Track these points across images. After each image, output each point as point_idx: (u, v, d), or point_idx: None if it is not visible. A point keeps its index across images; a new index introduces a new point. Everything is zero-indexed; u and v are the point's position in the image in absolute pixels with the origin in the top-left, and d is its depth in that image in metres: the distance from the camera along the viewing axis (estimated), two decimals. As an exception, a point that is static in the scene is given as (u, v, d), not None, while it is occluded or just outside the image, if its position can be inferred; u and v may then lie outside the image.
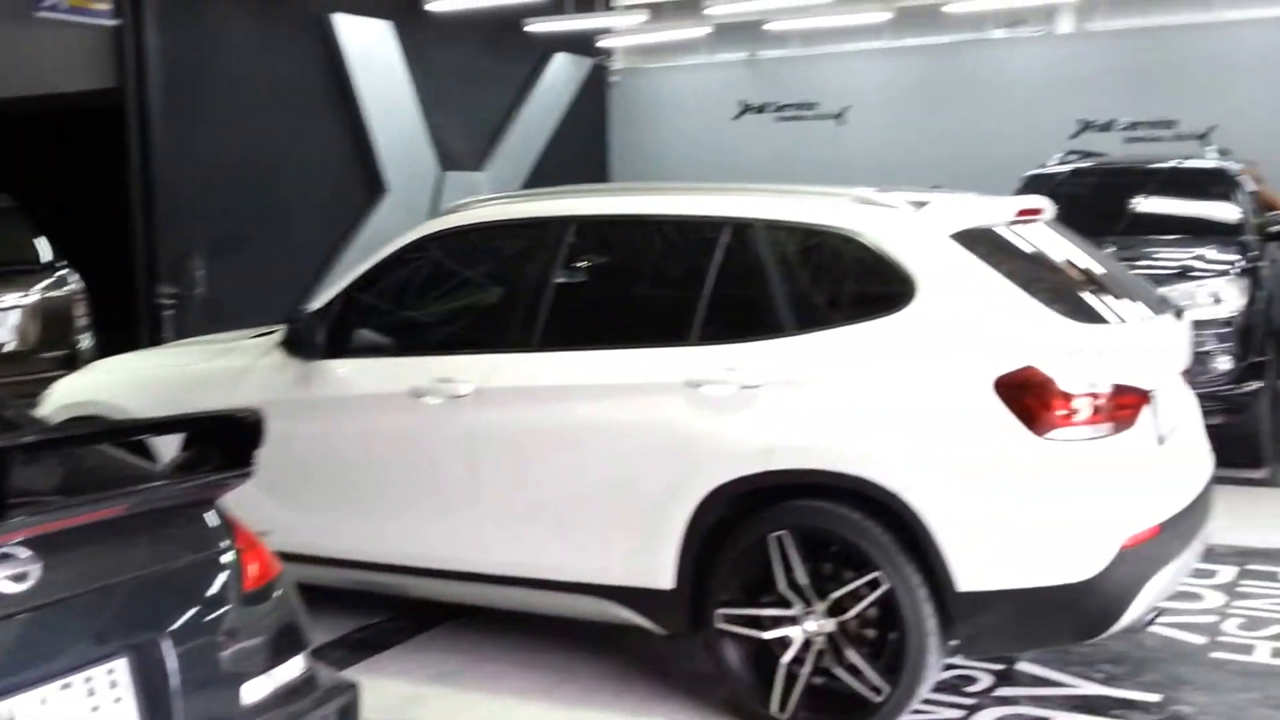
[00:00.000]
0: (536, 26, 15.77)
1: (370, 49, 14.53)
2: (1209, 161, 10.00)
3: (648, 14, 15.23)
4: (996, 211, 4.94)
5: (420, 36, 14.98)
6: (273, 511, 5.05)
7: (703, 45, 17.97)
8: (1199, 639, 5.48)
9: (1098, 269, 5.08)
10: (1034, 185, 10.24)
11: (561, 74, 17.70)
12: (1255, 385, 8.29)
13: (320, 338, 5.33)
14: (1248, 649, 5.37)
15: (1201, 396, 8.12)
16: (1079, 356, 4.25)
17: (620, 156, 18.66)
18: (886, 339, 4.42)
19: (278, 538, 3.57)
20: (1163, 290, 8.18)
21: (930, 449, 4.27)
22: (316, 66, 13.99)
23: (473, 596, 5.29)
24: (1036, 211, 5.16)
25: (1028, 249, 4.93)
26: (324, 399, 5.34)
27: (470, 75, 15.91)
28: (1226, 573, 6.36)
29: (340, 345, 5.37)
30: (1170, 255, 8.67)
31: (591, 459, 4.81)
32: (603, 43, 17.33)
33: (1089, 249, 5.27)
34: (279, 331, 5.56)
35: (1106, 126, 15.28)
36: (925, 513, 4.23)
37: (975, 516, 4.22)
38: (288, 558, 3.24)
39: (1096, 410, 4.25)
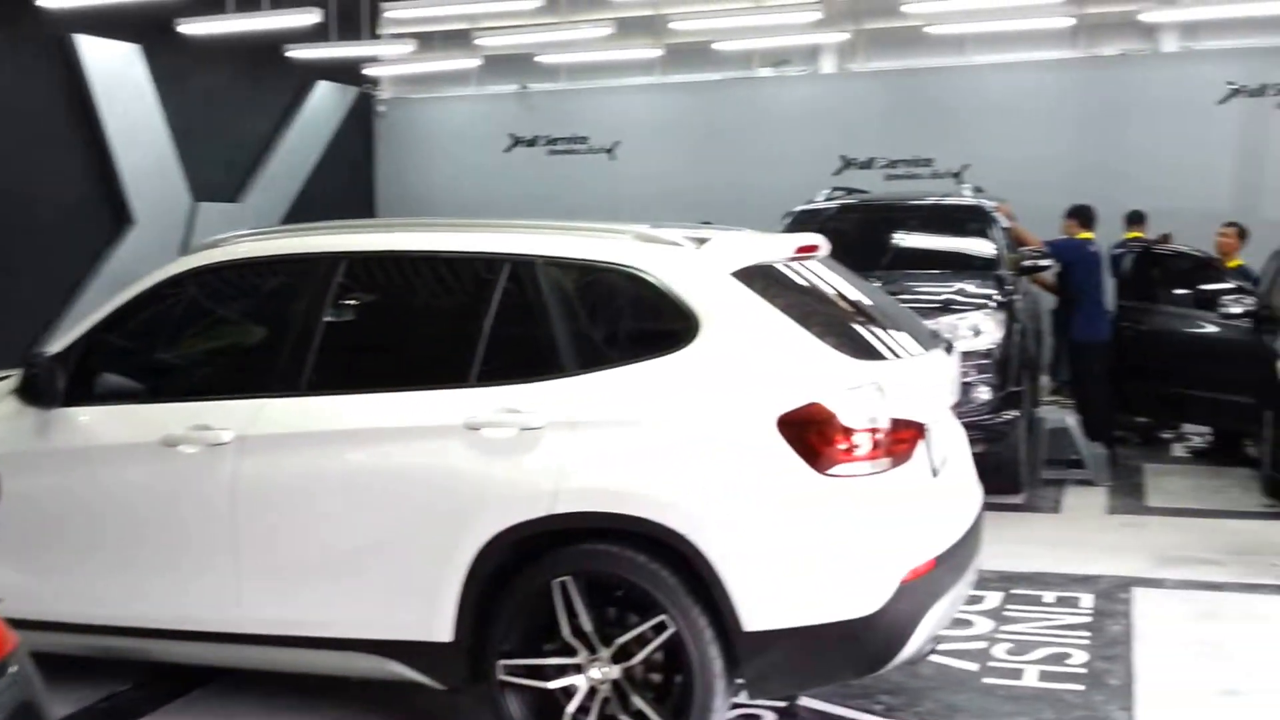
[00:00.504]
0: (298, 53, 15.29)
1: (116, 72, 13.85)
2: (966, 199, 10.39)
3: (415, 44, 14.94)
4: (775, 248, 4.96)
5: (172, 60, 14.36)
6: (6, 575, 4.62)
7: (473, 77, 17.80)
8: (971, 665, 5.60)
9: (872, 305, 5.14)
10: (802, 221, 10.49)
11: (325, 103, 17.26)
12: (1012, 414, 8.60)
13: (60, 383, 4.93)
14: (1017, 673, 5.52)
15: (964, 426, 8.56)
16: (860, 392, 4.27)
17: (388, 188, 18.30)
18: (669, 378, 4.36)
19: (12, 604, 3.22)
20: (928, 324, 8.52)
21: (715, 489, 4.22)
22: (56, 90, 13.24)
23: (237, 659, 4.96)
24: (813, 248, 5.19)
25: (806, 286, 4.95)
26: (65, 450, 4.94)
27: (228, 102, 15.35)
28: (993, 598, 6.55)
29: (84, 391, 4.98)
30: (932, 289, 8.94)
31: (364, 507, 4.59)
32: (369, 71, 16.94)
33: (863, 285, 5.34)
34: (13, 377, 5.14)
35: (868, 164, 15.80)
36: (711, 553, 4.18)
37: (760, 556, 4.20)
38: (24, 625, 2.93)
39: (877, 445, 4.28)
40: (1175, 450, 10.92)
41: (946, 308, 8.60)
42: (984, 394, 8.44)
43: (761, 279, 4.60)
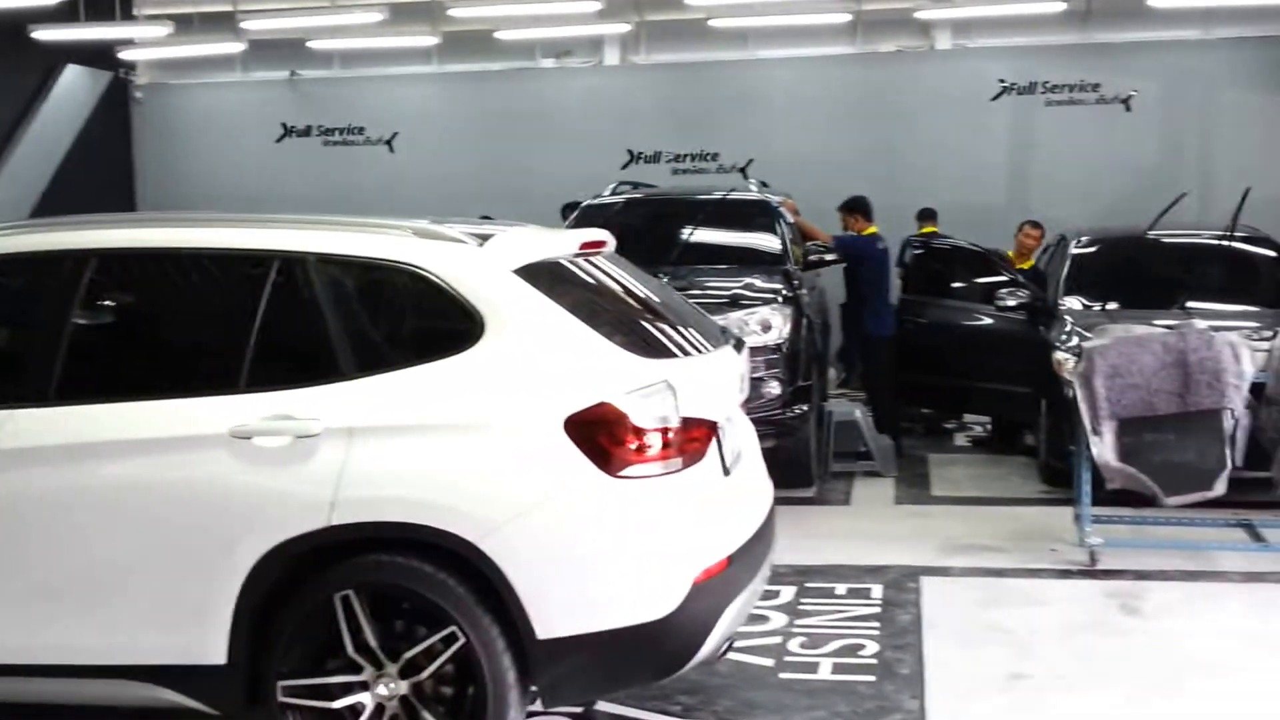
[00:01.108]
0: (44, 34, 14.29)
1: None
2: (752, 194, 10.43)
3: (172, 26, 14.10)
4: (560, 244, 4.79)
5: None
6: None
7: (239, 62, 16.95)
8: (767, 661, 5.58)
9: (661, 301, 5.06)
10: (588, 216, 10.37)
11: (74, 88, 16.15)
12: (802, 408, 8.66)
13: None
14: (812, 667, 5.52)
15: (755, 421, 8.57)
16: (650, 391, 4.16)
17: (149, 180, 17.26)
18: (453, 380, 4.18)
19: None
20: (717, 319, 8.51)
21: (502, 494, 4.07)
22: None
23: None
24: (600, 244, 5.06)
25: (593, 282, 4.81)
26: None
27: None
28: (788, 592, 6.55)
29: None
30: (720, 285, 8.93)
31: (124, 525, 4.27)
32: (125, 55, 15.97)
33: (651, 281, 5.25)
34: None
35: (655, 158, 15.79)
36: (501, 561, 4.04)
37: (551, 561, 4.07)
38: None
39: (668, 445, 4.19)
40: (958, 440, 11.21)
41: (734, 303, 8.60)
42: (774, 389, 8.47)
43: (547, 276, 4.44)
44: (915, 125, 15.14)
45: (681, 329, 4.83)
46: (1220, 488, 6.65)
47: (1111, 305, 9.12)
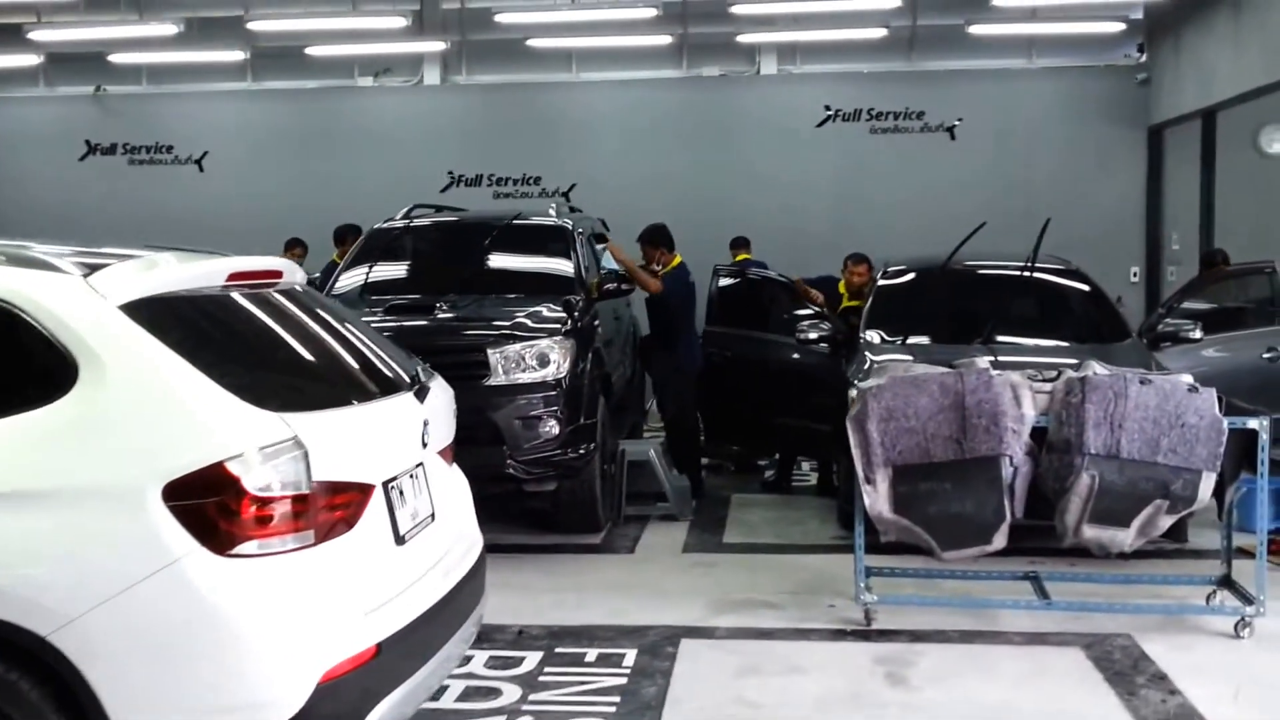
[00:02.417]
0: None
1: None
2: (548, 219, 9.84)
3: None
4: (198, 276, 4.08)
5: None
6: None
7: (42, 76, 16.01)
8: (488, 744, 4.94)
9: (332, 344, 4.41)
10: (373, 240, 9.72)
11: None
12: (585, 448, 8.07)
13: None
14: (538, 752, 4.88)
15: (532, 462, 7.96)
16: (272, 451, 3.50)
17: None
18: (32, 438, 3.48)
19: None
20: (493, 354, 7.90)
21: (83, 579, 3.38)
22: None
23: None
24: (269, 275, 4.37)
25: (236, 322, 4.14)
26: None
27: None
28: (532, 659, 5.94)
29: None
30: (498, 315, 8.33)
31: None
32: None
33: (336, 319, 4.60)
34: None
35: (476, 181, 15.16)
36: (79, 660, 3.35)
37: (142, 662, 3.40)
38: None
39: (297, 516, 3.54)
40: (767, 477, 10.68)
41: (509, 336, 7.98)
42: (551, 428, 7.86)
43: (169, 314, 3.76)
44: (741, 151, 14.78)
45: (348, 375, 4.21)
46: (1000, 541, 6.19)
47: (914, 339, 8.69)
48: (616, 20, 13.74)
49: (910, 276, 9.66)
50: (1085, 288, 9.34)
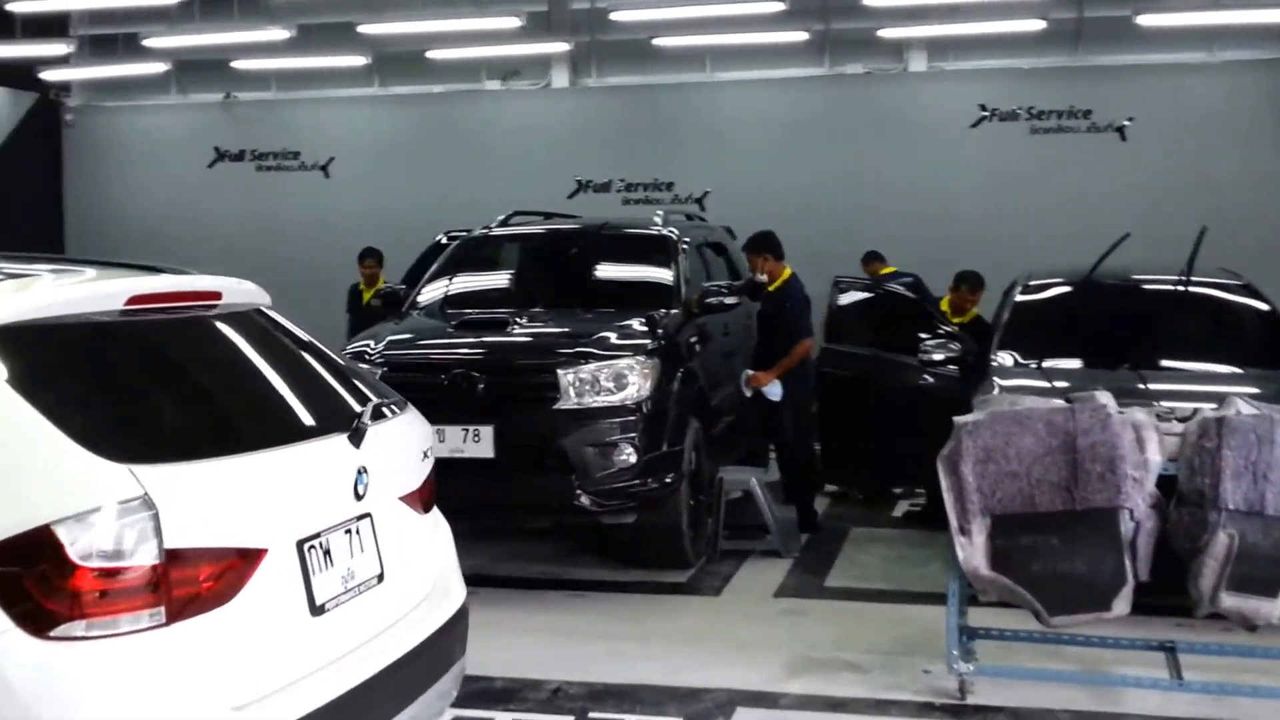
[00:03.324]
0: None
1: None
2: (647, 227, 9.07)
3: (75, 44, 13.05)
4: (86, 299, 3.40)
5: None
6: None
7: (175, 84, 16.02)
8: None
9: (252, 380, 3.78)
10: (463, 251, 9.12)
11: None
12: (667, 479, 7.28)
13: None
14: None
15: (606, 493, 7.21)
16: (116, 511, 2.84)
17: (79, 207, 16.34)
18: None
19: None
20: (565, 373, 7.16)
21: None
22: None
23: None
24: (195, 297, 3.71)
25: (122, 355, 3.46)
26: None
27: None
28: (561, 728, 5.17)
29: None
30: (577, 331, 7.62)
31: None
32: (46, 76, 14.99)
33: (285, 350, 3.96)
34: None
35: (605, 187, 14.50)
36: None
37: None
38: None
39: (144, 589, 2.87)
40: (898, 510, 9.68)
41: (583, 355, 7.24)
42: (627, 456, 7.10)
43: (30, 344, 3.13)
44: (886, 154, 13.74)
45: (253, 418, 3.57)
46: (1121, 607, 5.15)
47: (1053, 362, 7.62)
48: (752, 15, 12.89)
49: (1053, 291, 8.57)
50: (1261, 306, 8.10)
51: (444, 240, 10.51)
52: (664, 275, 8.53)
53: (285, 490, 3.38)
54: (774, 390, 8.43)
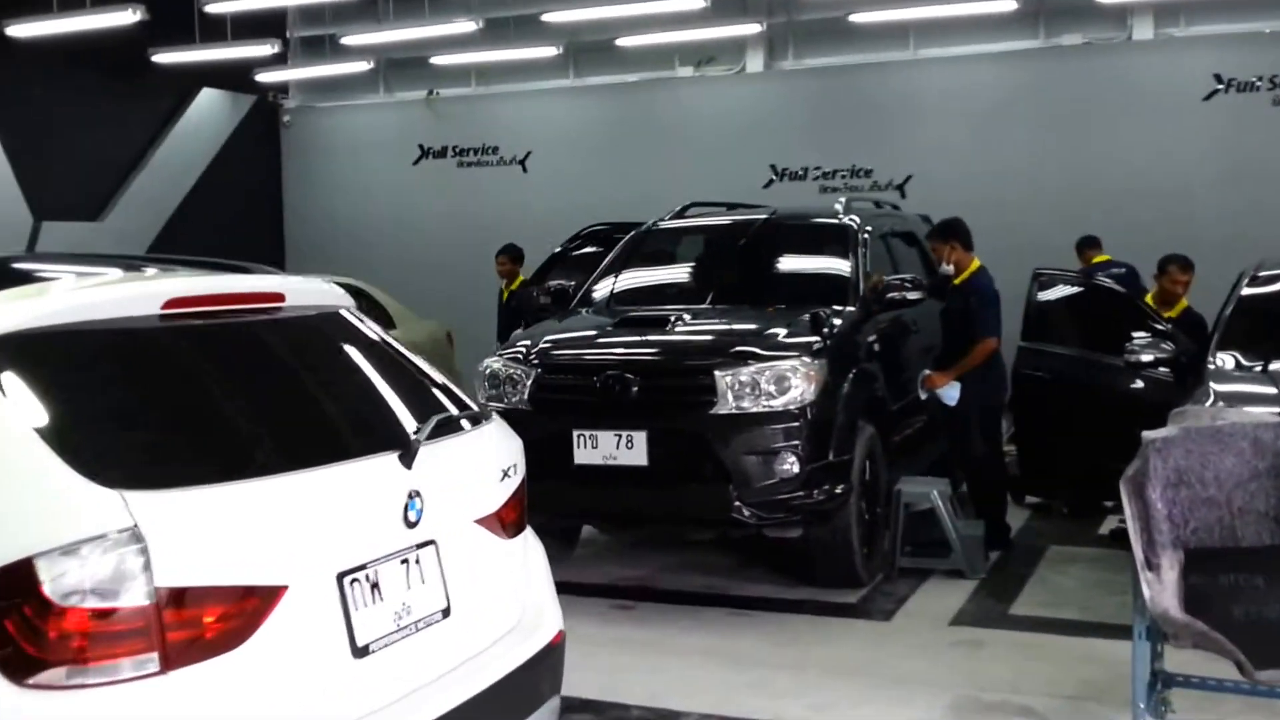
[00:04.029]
0: (164, 57, 13.74)
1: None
2: (822, 216, 8.48)
3: (285, 46, 13.25)
4: (117, 303, 3.10)
5: (2, 67, 12.87)
6: None
7: (383, 82, 16.25)
8: None
9: (300, 393, 3.46)
10: (635, 244, 8.72)
11: (210, 112, 15.69)
12: (836, 490, 6.72)
13: None
14: None
15: (765, 505, 6.69)
16: (98, 545, 2.53)
17: (296, 207, 16.77)
18: None
19: None
20: (722, 376, 6.66)
21: None
22: None
23: None
24: (251, 300, 3.40)
25: (148, 365, 3.14)
26: None
27: (84, 112, 13.83)
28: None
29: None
30: (739, 330, 7.13)
31: None
32: (263, 78, 15.35)
33: (358, 358, 3.63)
34: None
35: (801, 175, 13.87)
36: None
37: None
38: None
39: (133, 633, 2.58)
40: (1105, 527, 8.75)
41: (742, 356, 6.74)
42: (789, 465, 6.57)
43: (43, 353, 2.87)
44: (1107, 132, 12.63)
45: (289, 436, 3.22)
46: (1343, 662, 4.34)
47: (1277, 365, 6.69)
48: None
49: (1285, 282, 7.57)
50: None
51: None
52: (841, 268, 7.93)
53: (317, 517, 3.00)
54: (950, 393, 7.72)
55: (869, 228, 8.32)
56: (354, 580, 3.05)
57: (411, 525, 3.24)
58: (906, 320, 8.29)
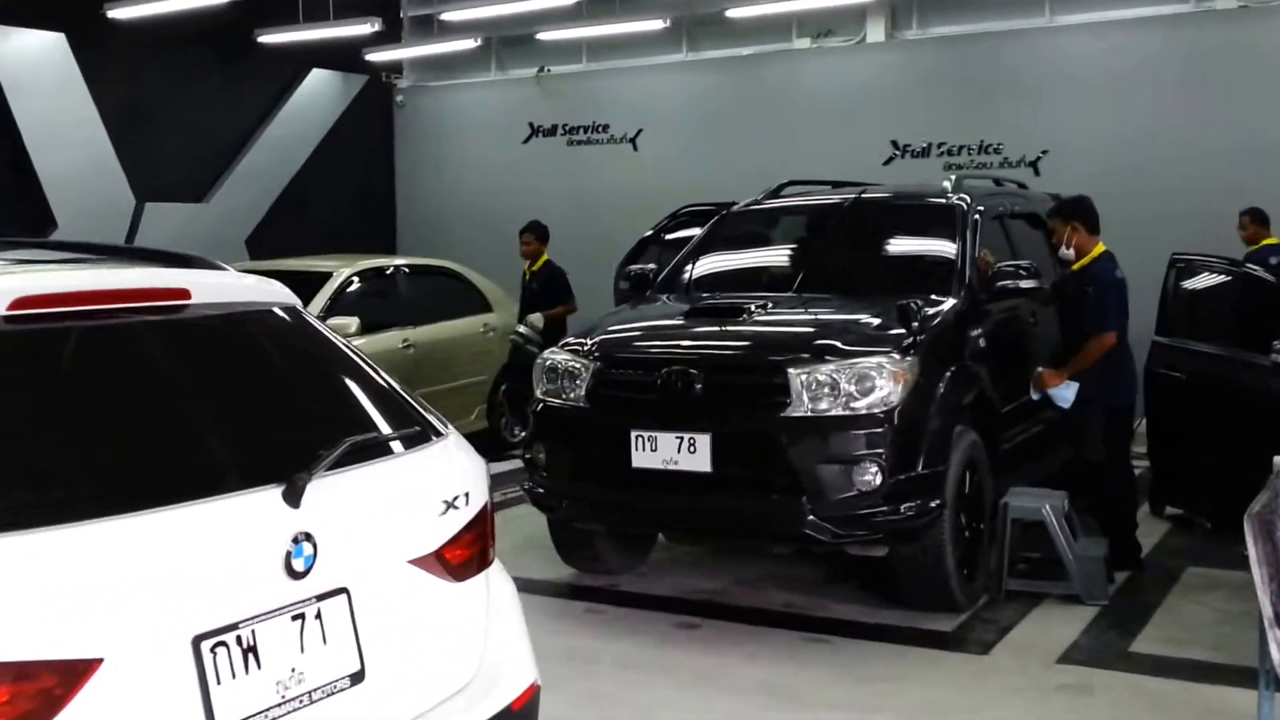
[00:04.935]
0: (270, 37, 13.45)
1: (35, 65, 12.42)
2: (930, 196, 7.64)
3: (379, 23, 12.76)
4: None
5: (106, 49, 12.76)
6: None
7: (495, 60, 15.78)
8: None
9: (171, 410, 2.83)
10: (721, 225, 8.02)
11: (320, 92, 15.39)
12: (930, 504, 5.94)
13: None
14: None
15: (842, 520, 5.93)
16: None
17: (408, 187, 16.44)
18: None
19: None
20: (796, 374, 5.93)
21: None
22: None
23: None
24: (136, 296, 2.82)
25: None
26: None
27: (189, 93, 13.65)
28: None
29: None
30: (820, 323, 6.39)
31: None
32: (371, 57, 14.99)
33: (257, 366, 3.04)
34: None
35: (924, 152, 12.92)
36: None
37: None
38: None
39: None
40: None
41: (820, 352, 5.99)
42: (871, 476, 5.81)
43: None
44: (1264, 105, 11.40)
45: (148, 466, 2.62)
46: None
47: None
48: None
49: None
50: None
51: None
52: (945, 252, 7.10)
53: (161, 570, 2.41)
54: (1064, 394, 6.83)
55: (980, 208, 7.45)
56: (218, 645, 2.46)
57: (298, 575, 2.61)
58: (1023, 312, 7.43)
